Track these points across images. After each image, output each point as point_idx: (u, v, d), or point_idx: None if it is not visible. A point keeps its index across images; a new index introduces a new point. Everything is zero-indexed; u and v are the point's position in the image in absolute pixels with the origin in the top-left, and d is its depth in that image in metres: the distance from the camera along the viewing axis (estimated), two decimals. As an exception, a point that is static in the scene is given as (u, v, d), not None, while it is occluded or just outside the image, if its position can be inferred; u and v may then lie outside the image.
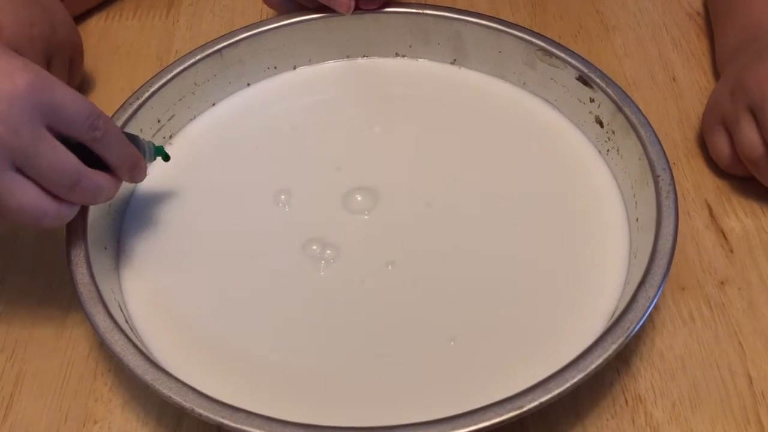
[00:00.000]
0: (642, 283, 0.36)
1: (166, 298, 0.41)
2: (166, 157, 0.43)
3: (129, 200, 0.45)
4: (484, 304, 0.40)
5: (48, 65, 0.48)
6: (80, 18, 0.60)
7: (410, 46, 0.53)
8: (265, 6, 0.56)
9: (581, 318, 0.38)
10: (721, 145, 0.45)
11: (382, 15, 0.52)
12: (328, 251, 0.42)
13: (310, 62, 0.53)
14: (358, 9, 0.52)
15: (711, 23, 0.55)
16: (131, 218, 0.44)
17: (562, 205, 0.45)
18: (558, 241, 0.43)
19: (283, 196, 0.45)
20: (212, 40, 0.51)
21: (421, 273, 0.41)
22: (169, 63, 0.49)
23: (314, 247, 0.42)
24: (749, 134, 0.42)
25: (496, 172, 0.47)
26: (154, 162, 0.43)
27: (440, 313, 0.40)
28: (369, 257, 0.42)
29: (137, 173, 0.39)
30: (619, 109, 0.45)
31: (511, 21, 0.51)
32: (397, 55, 0.54)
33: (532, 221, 0.44)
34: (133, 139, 0.40)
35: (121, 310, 0.39)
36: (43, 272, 0.44)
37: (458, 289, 0.41)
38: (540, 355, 0.37)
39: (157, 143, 0.44)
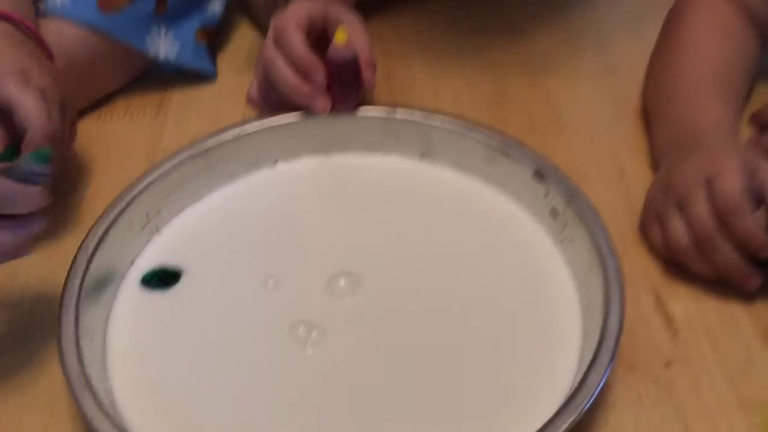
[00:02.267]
0: (591, 363, 0.40)
1: (153, 385, 0.43)
2: (48, 158, 0.41)
3: (117, 290, 0.48)
4: (451, 382, 0.43)
5: (62, 110, 0.51)
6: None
7: (382, 144, 0.58)
8: (247, 107, 0.61)
9: (538, 397, 0.41)
10: (656, 236, 0.50)
11: (358, 116, 0.57)
12: (314, 333, 0.45)
13: (290, 158, 0.58)
14: (334, 110, 0.57)
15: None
16: (119, 307, 0.47)
17: (520, 290, 0.48)
18: (517, 324, 0.46)
19: (270, 282, 0.49)
20: (199, 139, 0.55)
21: (398, 354, 0.45)
22: (158, 160, 0.53)
23: (300, 330, 0.46)
24: (677, 227, 0.47)
25: (463, 259, 0.51)
26: (147, 250, 0.46)
27: (422, 389, 0.43)
28: (352, 337, 0.45)
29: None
30: (571, 201, 0.50)
31: (472, 119, 0.56)
32: (370, 151, 0.59)
33: (494, 306, 0.48)
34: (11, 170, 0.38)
35: (108, 398, 0.41)
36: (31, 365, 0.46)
37: (429, 367, 0.44)
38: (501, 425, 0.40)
39: (146, 235, 0.47)
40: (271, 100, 0.58)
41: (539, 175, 0.52)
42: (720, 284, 0.48)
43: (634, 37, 0.71)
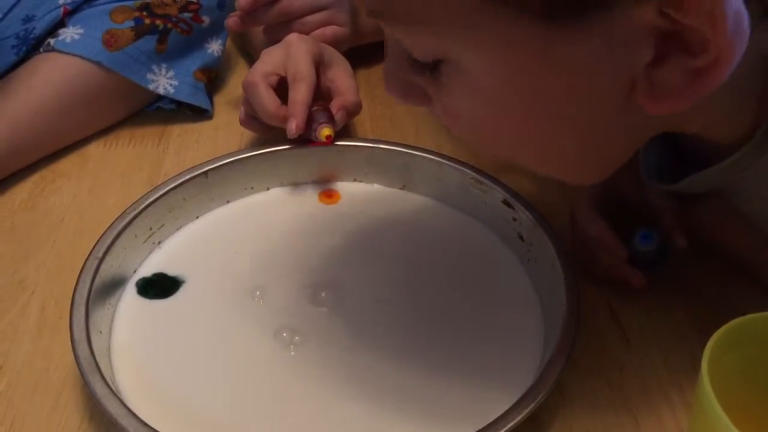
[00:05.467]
0: (547, 365, 0.45)
1: (152, 377, 0.47)
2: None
3: (122, 294, 0.53)
4: (423, 381, 0.48)
5: None
6: (81, 143, 0.70)
7: (366, 173, 0.64)
8: (242, 137, 0.67)
9: (503, 388, 0.46)
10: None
11: (345, 148, 0.63)
12: (296, 338, 0.50)
13: (281, 184, 0.63)
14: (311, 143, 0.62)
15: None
16: (123, 308, 0.52)
17: (489, 303, 0.53)
18: (485, 332, 0.51)
19: (258, 292, 0.53)
20: (199, 164, 0.60)
21: (373, 358, 0.49)
22: (160, 183, 0.58)
23: (284, 334, 0.50)
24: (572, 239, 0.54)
25: (436, 277, 0.56)
26: (149, 260, 0.50)
27: (390, 386, 0.47)
28: (330, 343, 0.50)
29: None
30: (536, 227, 0.55)
31: (450, 154, 0.62)
32: (355, 180, 0.64)
33: (465, 318, 0.52)
34: None
35: (112, 386, 0.45)
36: (40, 358, 0.50)
37: (402, 368, 0.49)
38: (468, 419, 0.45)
39: (149, 247, 0.52)
40: (257, 122, 0.64)
41: (507, 203, 0.58)
42: (667, 298, 0.53)
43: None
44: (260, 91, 0.61)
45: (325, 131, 0.60)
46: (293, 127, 0.59)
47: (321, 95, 0.64)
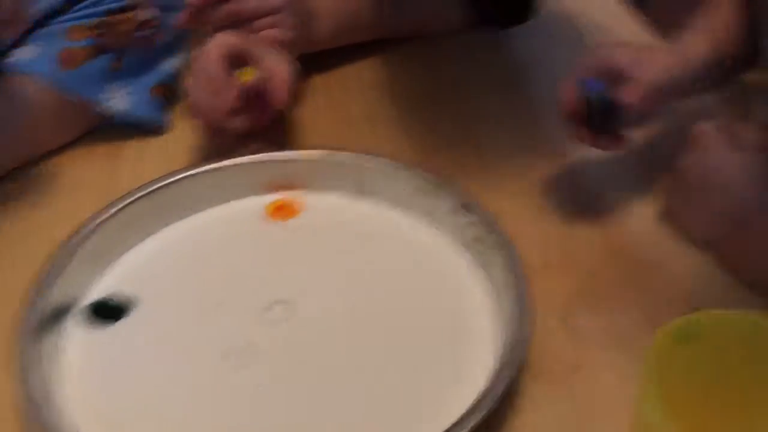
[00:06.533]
0: (500, 369, 0.45)
1: (104, 403, 0.47)
2: None
3: (72, 318, 0.52)
4: (378, 391, 0.48)
5: None
6: (33, 162, 0.69)
7: (323, 182, 0.64)
8: (198, 152, 0.67)
9: (457, 394, 0.46)
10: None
11: (298, 156, 0.63)
12: (251, 354, 0.50)
13: (236, 198, 0.63)
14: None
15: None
16: (72, 334, 0.51)
17: (444, 309, 0.54)
18: (439, 338, 0.52)
19: (212, 310, 0.53)
20: (148, 182, 0.60)
21: (329, 369, 0.50)
22: (114, 200, 0.58)
23: (239, 351, 0.50)
24: None
25: (391, 286, 0.56)
26: (100, 282, 0.51)
27: (344, 397, 0.48)
28: (285, 357, 0.50)
29: None
30: (489, 230, 0.56)
31: (405, 159, 0.62)
32: (312, 189, 0.64)
33: (419, 323, 0.53)
34: None
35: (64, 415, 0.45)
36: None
37: (357, 378, 0.49)
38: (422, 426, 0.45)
39: (97, 272, 0.52)
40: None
41: (463, 207, 0.58)
42: (618, 299, 0.55)
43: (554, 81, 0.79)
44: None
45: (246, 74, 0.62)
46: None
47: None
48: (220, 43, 0.65)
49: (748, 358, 0.41)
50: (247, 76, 0.63)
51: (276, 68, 0.66)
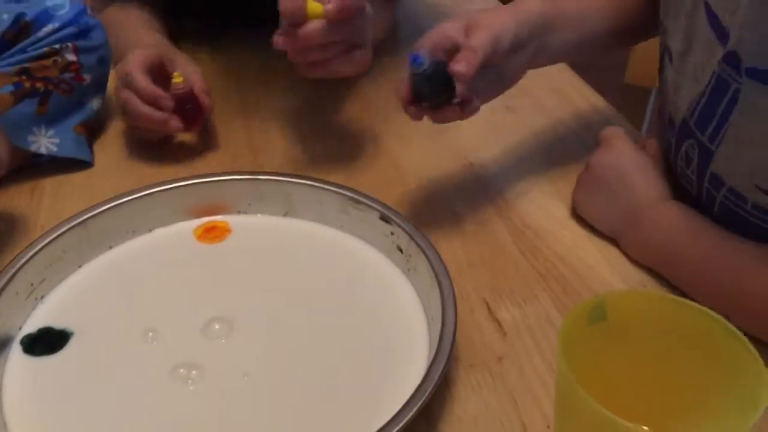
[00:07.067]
0: (432, 362, 0.48)
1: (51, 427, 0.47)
2: None
3: (8, 354, 0.52)
4: (320, 395, 0.51)
5: None
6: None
7: (249, 204, 0.66)
8: (119, 182, 0.67)
9: (396, 391, 0.49)
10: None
11: (224, 181, 0.65)
12: (194, 372, 0.51)
13: (163, 224, 0.64)
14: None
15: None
16: (11, 367, 0.51)
17: (377, 314, 0.57)
18: (374, 341, 0.54)
19: (150, 334, 0.54)
20: (76, 213, 0.60)
21: (270, 379, 0.51)
22: (38, 235, 0.58)
23: (181, 371, 0.51)
24: None
25: (325, 297, 0.58)
26: (33, 316, 0.50)
27: (288, 404, 0.50)
28: (227, 372, 0.51)
29: None
30: (412, 238, 0.59)
31: (328, 178, 0.65)
32: (239, 212, 0.66)
33: (354, 330, 0.55)
34: None
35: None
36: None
37: (298, 386, 0.51)
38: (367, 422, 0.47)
39: (32, 304, 0.52)
40: (137, 129, 0.74)
41: (384, 218, 0.61)
42: (534, 290, 0.59)
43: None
44: (135, 105, 0.70)
45: (177, 77, 0.71)
46: (174, 125, 0.72)
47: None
48: (140, 59, 0.71)
49: (651, 331, 0.45)
50: (177, 79, 0.71)
51: (192, 75, 0.74)
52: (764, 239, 0.55)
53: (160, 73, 0.73)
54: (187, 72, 0.74)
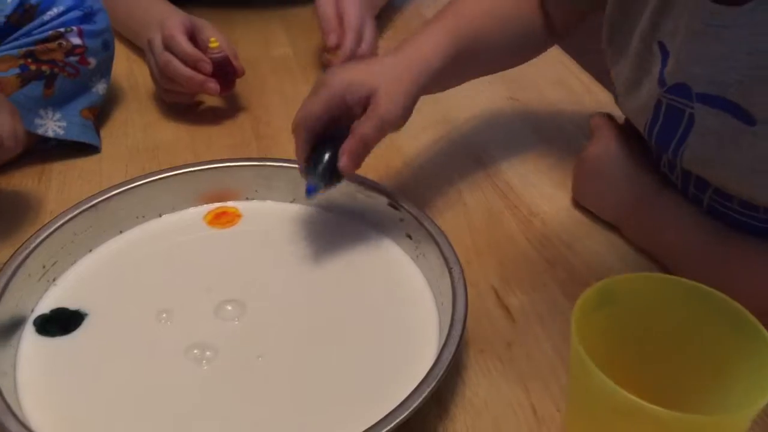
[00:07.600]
0: (444, 346, 0.49)
1: (66, 412, 0.48)
2: None
3: (22, 333, 0.52)
4: (333, 377, 0.51)
5: None
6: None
7: (257, 191, 0.66)
8: (127, 168, 0.67)
9: (407, 374, 0.49)
10: None
11: (233, 168, 0.65)
12: (207, 353, 0.51)
13: (173, 210, 0.64)
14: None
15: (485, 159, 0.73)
16: (25, 348, 0.51)
17: (387, 299, 0.57)
18: (385, 325, 0.55)
19: (164, 315, 0.54)
20: (87, 198, 0.60)
21: (284, 361, 0.52)
22: (47, 220, 0.58)
23: (195, 351, 0.51)
24: None
25: (335, 283, 0.59)
26: (45, 297, 0.50)
27: (301, 385, 0.50)
28: (241, 353, 0.52)
29: None
30: (421, 224, 0.59)
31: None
32: (247, 198, 0.66)
33: (365, 314, 0.56)
34: None
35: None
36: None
37: (311, 368, 0.51)
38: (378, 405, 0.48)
39: (44, 285, 0.52)
40: (169, 92, 0.78)
41: (393, 205, 0.62)
42: (543, 277, 0.60)
43: (466, 96, 0.84)
44: (176, 66, 0.73)
45: (214, 42, 0.75)
46: (213, 87, 0.75)
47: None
48: (177, 24, 0.75)
49: (661, 314, 0.46)
50: (214, 44, 0.75)
51: (222, 42, 0.77)
52: (755, 235, 0.55)
53: (192, 39, 0.76)
54: (219, 39, 0.76)
